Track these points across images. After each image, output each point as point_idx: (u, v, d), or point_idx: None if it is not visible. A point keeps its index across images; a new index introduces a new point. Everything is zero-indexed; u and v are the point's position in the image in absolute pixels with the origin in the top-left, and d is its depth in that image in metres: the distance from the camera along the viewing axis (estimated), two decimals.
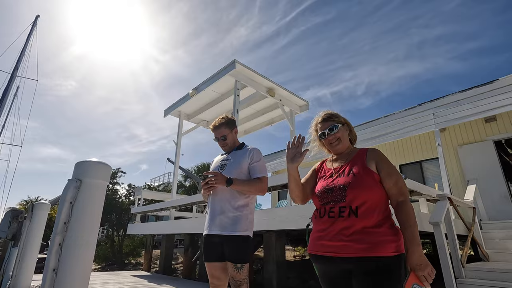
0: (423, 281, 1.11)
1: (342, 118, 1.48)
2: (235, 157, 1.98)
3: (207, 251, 1.85)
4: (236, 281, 1.70)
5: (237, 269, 1.70)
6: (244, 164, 1.93)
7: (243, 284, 1.72)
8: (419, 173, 8.03)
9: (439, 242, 3.14)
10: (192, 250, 7.11)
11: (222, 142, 2.04)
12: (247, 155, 1.95)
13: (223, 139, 2.03)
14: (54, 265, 1.36)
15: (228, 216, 1.81)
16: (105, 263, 11.95)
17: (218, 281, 1.81)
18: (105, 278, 5.77)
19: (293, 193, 1.48)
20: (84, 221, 1.46)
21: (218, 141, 2.06)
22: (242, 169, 1.92)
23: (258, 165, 1.94)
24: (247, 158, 1.94)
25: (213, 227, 1.84)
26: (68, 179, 1.53)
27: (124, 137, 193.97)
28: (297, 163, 1.41)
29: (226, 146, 2.04)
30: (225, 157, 2.05)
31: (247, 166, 1.93)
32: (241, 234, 1.79)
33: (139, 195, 9.17)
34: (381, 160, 1.32)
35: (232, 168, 1.92)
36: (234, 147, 2.06)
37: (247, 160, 1.94)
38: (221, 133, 2.02)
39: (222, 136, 2.02)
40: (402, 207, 1.23)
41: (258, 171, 1.92)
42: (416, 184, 3.86)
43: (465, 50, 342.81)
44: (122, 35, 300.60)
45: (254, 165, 1.93)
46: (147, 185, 17.63)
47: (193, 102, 7.31)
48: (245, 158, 1.94)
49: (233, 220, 1.80)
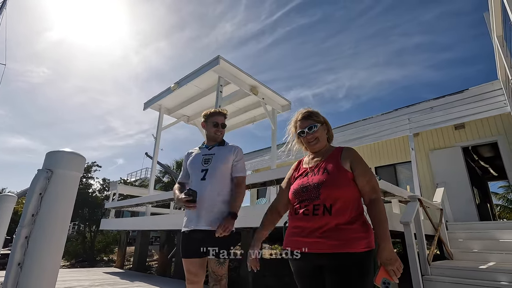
0: (392, 275, 1.16)
1: (321, 117, 1.52)
2: (220, 152, 2.01)
3: (187, 247, 1.84)
4: (217, 276, 1.73)
5: (220, 263, 1.74)
6: (230, 160, 1.98)
7: (223, 279, 1.76)
8: (393, 175, 8.38)
9: (408, 241, 3.29)
10: (168, 247, 6.98)
11: (220, 130, 2.07)
12: (232, 152, 2.02)
13: (222, 127, 2.07)
14: (19, 259, 1.29)
15: (216, 211, 1.83)
16: (75, 260, 11.45)
17: (195, 277, 1.81)
18: (75, 275, 5.54)
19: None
20: (54, 213, 1.39)
21: (216, 127, 2.05)
22: (228, 164, 1.97)
23: (241, 164, 2.02)
24: (233, 155, 2.00)
25: (200, 223, 1.83)
26: (38, 169, 1.46)
27: (100, 129, 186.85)
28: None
29: (220, 136, 2.07)
30: (206, 151, 2.05)
31: (231, 162, 1.99)
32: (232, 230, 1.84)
33: (114, 190, 8.86)
34: (355, 159, 1.36)
35: (218, 163, 1.95)
36: (217, 142, 2.09)
37: (232, 157, 2.00)
38: (222, 120, 2.09)
39: (222, 123, 2.08)
40: (374, 205, 1.29)
41: (239, 170, 2.00)
42: (390, 186, 4.02)
43: (440, 60, 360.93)
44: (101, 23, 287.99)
45: (237, 164, 2.00)
46: (123, 180, 17.06)
47: (175, 96, 7.17)
48: (230, 155, 2.00)
49: (221, 215, 1.83)
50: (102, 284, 4.57)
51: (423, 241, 3.70)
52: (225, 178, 1.94)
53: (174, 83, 6.72)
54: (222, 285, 1.76)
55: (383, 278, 1.17)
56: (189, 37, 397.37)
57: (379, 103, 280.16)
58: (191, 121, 8.38)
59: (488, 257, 4.20)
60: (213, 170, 1.92)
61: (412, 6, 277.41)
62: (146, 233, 7.48)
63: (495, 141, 6.75)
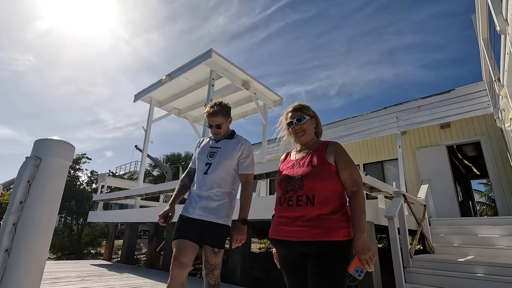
0: (364, 264, 1.23)
1: (311, 111, 1.57)
2: (226, 146, 1.93)
3: (183, 229, 1.80)
4: (211, 265, 1.74)
5: (214, 253, 1.74)
6: (235, 156, 1.89)
7: (217, 269, 1.76)
8: (380, 172, 8.56)
9: (392, 235, 3.41)
10: (156, 240, 6.98)
11: (216, 130, 1.95)
12: (238, 147, 1.91)
13: (217, 128, 1.94)
14: (6, 246, 1.29)
15: (215, 206, 1.81)
16: (61, 253, 11.29)
17: (186, 259, 1.68)
18: (61, 266, 5.49)
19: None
20: (42, 201, 1.40)
21: (211, 128, 1.96)
22: (233, 159, 1.89)
23: (248, 161, 1.91)
24: (238, 151, 1.90)
25: (196, 211, 1.81)
26: (26, 157, 1.45)
27: (88, 121, 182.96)
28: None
29: (218, 135, 1.97)
30: (214, 143, 1.99)
31: (237, 158, 1.90)
32: (223, 222, 1.81)
33: (102, 182, 8.77)
34: (340, 153, 1.42)
35: (223, 158, 1.89)
36: (223, 137, 2.00)
37: (237, 153, 1.90)
38: (216, 121, 1.92)
39: (217, 125, 1.93)
40: (354, 197, 1.35)
41: (245, 167, 1.90)
42: (376, 181, 4.12)
43: (432, 60, 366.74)
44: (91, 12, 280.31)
45: (243, 161, 1.90)
46: (111, 173, 16.84)
47: (166, 88, 7.11)
48: (236, 150, 1.90)
49: (217, 207, 1.80)
50: (89, 276, 4.55)
51: (406, 235, 3.83)
52: (227, 173, 1.88)
53: (165, 75, 6.65)
54: (215, 275, 1.76)
55: (356, 267, 1.23)
56: (181, 29, 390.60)
57: (371, 101, 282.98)
58: (182, 114, 8.33)
59: (467, 251, 4.38)
60: (216, 165, 1.87)
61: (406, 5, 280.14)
62: (135, 226, 7.45)
63: (478, 140, 6.98)
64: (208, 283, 1.76)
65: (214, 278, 1.76)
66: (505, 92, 3.76)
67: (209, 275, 1.75)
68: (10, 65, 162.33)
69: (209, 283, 1.76)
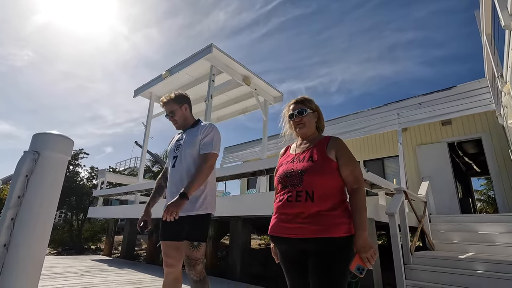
0: (365, 262, 1.21)
1: (314, 105, 1.54)
2: (189, 135, 1.91)
3: (164, 229, 1.81)
4: (191, 260, 1.66)
5: (194, 247, 1.67)
6: (197, 141, 1.84)
7: (199, 264, 1.68)
8: (381, 169, 8.55)
9: (393, 231, 3.40)
10: (156, 236, 6.99)
11: (171, 118, 1.97)
12: (199, 131, 1.87)
13: (171, 115, 1.96)
14: (5, 240, 1.27)
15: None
16: (61, 248, 11.32)
17: (170, 259, 1.76)
18: (61, 261, 5.50)
19: None
20: (41, 196, 1.38)
21: (168, 118, 1.99)
22: (196, 146, 1.83)
23: (207, 140, 1.82)
24: (199, 134, 1.85)
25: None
26: (24, 151, 1.43)
27: (88, 117, 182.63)
28: None
29: (176, 124, 1.98)
30: (180, 136, 1.99)
31: (199, 143, 1.84)
32: (199, 213, 1.75)
33: (102, 178, 8.76)
34: (341, 149, 1.39)
35: (186, 148, 1.85)
36: (187, 125, 1.98)
37: (199, 137, 1.85)
38: (169, 108, 1.95)
39: (170, 112, 1.95)
40: (355, 194, 1.32)
41: (204, 146, 1.81)
42: (377, 178, 4.11)
43: (432, 57, 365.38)
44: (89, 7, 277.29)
45: (202, 141, 1.83)
46: (111, 169, 16.82)
47: (166, 84, 7.07)
48: (197, 135, 1.86)
49: (190, 200, 1.72)
50: (89, 271, 4.55)
51: (406, 232, 3.83)
52: (195, 162, 1.81)
53: (165, 70, 6.61)
54: (197, 270, 1.68)
55: (357, 265, 1.22)
56: (181, 24, 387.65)
57: (371, 98, 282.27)
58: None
59: (467, 248, 4.38)
60: (181, 156, 1.85)
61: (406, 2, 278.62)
62: (135, 222, 7.46)
63: (479, 137, 6.96)
64: (192, 280, 1.68)
65: (198, 274, 1.68)
66: (508, 89, 3.72)
67: (191, 271, 1.67)
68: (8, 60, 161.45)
69: (193, 279, 1.68)
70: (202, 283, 1.69)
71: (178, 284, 1.81)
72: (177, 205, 1.56)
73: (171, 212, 1.54)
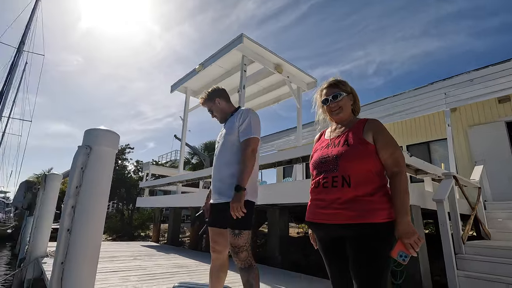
0: (409, 248, 1.13)
1: (349, 87, 1.46)
2: (228, 124, 1.94)
3: (211, 216, 1.89)
4: (234, 248, 1.68)
5: (235, 235, 1.68)
6: (235, 128, 1.85)
7: (242, 251, 1.67)
8: (426, 154, 7.97)
9: (441, 219, 3.18)
10: (198, 224, 7.33)
11: (212, 116, 2.08)
12: (236, 119, 1.88)
13: (211, 113, 2.08)
14: (68, 226, 1.44)
15: (227, 184, 1.76)
16: (115, 235, 12.47)
17: (216, 246, 1.82)
18: (116, 247, 6.06)
19: None
20: (95, 185, 1.52)
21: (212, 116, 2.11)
22: (235, 132, 1.84)
23: (244, 125, 1.81)
24: (237, 121, 1.86)
25: (214, 196, 1.86)
26: (79, 146, 1.58)
27: (130, 114, 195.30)
28: None
29: (218, 118, 2.06)
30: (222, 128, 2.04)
31: (237, 129, 1.84)
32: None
33: (147, 170, 9.36)
34: (379, 131, 1.31)
35: (226, 135, 1.88)
36: (227, 115, 2.01)
37: (236, 124, 1.85)
38: (207, 108, 2.08)
39: (209, 110, 2.08)
40: (395, 178, 1.24)
41: (242, 133, 1.79)
42: (422, 163, 3.85)
43: (486, 27, 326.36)
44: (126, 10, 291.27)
45: (241, 128, 1.81)
46: (154, 162, 17.93)
47: (200, 77, 7.25)
48: (235, 124, 1.87)
49: (230, 186, 1.73)
50: (140, 255, 4.96)
51: (457, 220, 3.55)
52: (233, 149, 1.82)
53: (198, 64, 6.78)
54: (241, 258, 1.67)
55: (399, 251, 1.15)
56: (211, 18, 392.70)
57: (414, 78, 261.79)
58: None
59: None
60: (222, 144, 1.89)
61: None
62: (178, 211, 7.91)
63: None
64: (239, 267, 1.70)
65: (241, 262, 1.68)
66: None
67: (236, 259, 1.70)
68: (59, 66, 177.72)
69: (239, 267, 1.70)
70: (247, 271, 1.68)
71: (224, 269, 1.87)
72: (238, 200, 1.63)
73: (235, 209, 1.61)
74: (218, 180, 1.83)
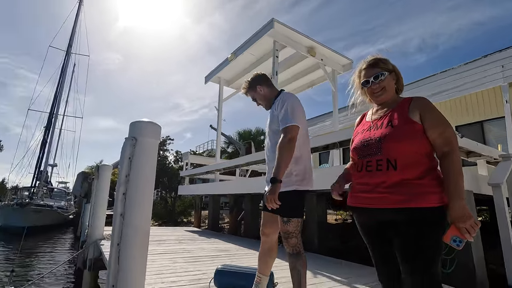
0: (464, 233, 1.04)
1: (390, 64, 1.34)
2: (270, 114, 1.93)
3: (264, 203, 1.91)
4: (284, 233, 1.72)
5: (284, 222, 1.71)
6: (275, 116, 1.84)
7: (292, 237, 1.70)
8: (480, 135, 7.25)
9: (499, 204, 2.90)
10: (236, 210, 7.58)
11: (257, 104, 2.05)
12: (276, 107, 1.86)
13: (255, 102, 2.05)
14: (121, 211, 1.57)
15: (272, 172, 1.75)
16: (161, 221, 13.41)
17: (268, 230, 1.87)
18: (163, 231, 6.51)
19: None
20: (142, 174, 1.63)
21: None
22: (274, 121, 1.84)
23: (282, 114, 1.76)
24: (275, 110, 1.84)
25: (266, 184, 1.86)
26: (125, 138, 1.69)
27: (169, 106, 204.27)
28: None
29: (263, 106, 2.04)
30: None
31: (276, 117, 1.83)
32: (287, 189, 1.74)
33: (186, 160, 9.82)
34: (427, 109, 1.20)
35: (269, 122, 1.90)
36: (271, 102, 1.97)
37: (275, 113, 1.83)
38: (251, 97, 2.05)
39: (253, 99, 2.05)
40: (446, 158, 1.14)
41: (282, 122, 1.75)
42: (475, 144, 3.52)
43: None
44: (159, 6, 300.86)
45: (279, 116, 1.78)
46: (192, 152, 18.70)
47: (232, 67, 7.30)
48: (274, 111, 1.86)
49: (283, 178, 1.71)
50: (185, 239, 5.28)
51: None
52: (276, 139, 1.79)
53: (230, 53, 6.81)
54: (290, 243, 1.70)
55: (452, 236, 1.06)
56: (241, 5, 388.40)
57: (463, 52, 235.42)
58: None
59: None
60: (267, 135, 1.93)
61: None
62: (217, 198, 8.22)
63: None
64: (287, 252, 1.75)
65: (291, 247, 1.71)
66: None
67: (285, 244, 1.74)
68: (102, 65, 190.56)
69: (288, 252, 1.74)
70: (295, 257, 1.71)
71: (272, 254, 1.90)
72: (272, 192, 1.62)
73: (270, 200, 1.61)
74: (269, 169, 1.86)
